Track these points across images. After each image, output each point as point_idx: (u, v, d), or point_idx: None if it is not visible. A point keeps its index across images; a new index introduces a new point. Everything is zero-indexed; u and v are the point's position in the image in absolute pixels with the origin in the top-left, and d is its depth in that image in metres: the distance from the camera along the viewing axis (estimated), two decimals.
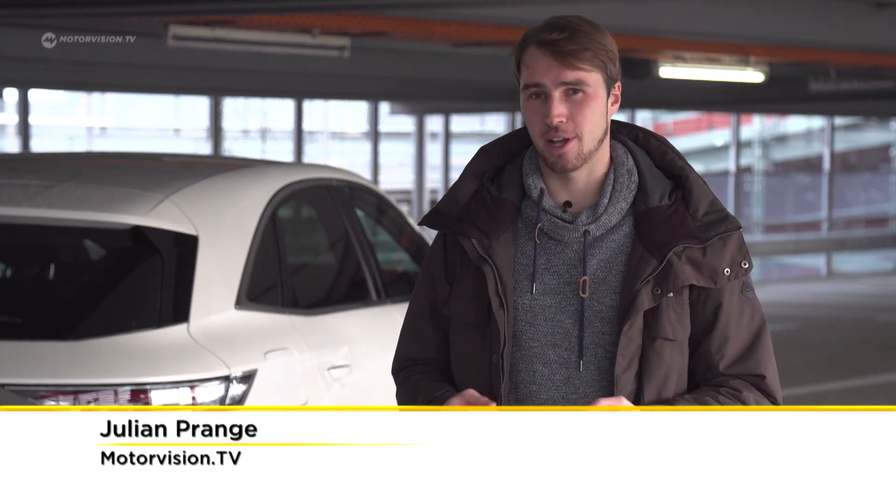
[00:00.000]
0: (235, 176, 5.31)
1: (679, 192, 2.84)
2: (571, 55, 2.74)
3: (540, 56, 2.76)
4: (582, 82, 2.75)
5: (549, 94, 2.75)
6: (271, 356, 4.78)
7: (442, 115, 23.62)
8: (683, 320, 2.79)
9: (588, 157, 2.79)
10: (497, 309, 2.78)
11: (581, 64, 2.75)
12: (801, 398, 10.80)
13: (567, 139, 2.75)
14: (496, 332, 2.79)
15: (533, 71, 2.77)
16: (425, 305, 2.92)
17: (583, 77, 2.75)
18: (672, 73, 14.74)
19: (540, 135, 2.77)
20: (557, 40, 2.75)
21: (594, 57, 2.76)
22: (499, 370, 2.79)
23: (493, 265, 2.80)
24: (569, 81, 2.75)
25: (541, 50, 2.76)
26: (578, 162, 2.78)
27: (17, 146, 18.64)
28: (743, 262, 2.81)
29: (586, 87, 2.76)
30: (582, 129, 2.76)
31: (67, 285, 5.08)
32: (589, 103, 2.76)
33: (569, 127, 2.75)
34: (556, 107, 2.75)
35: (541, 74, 2.75)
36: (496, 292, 2.79)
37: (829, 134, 27.71)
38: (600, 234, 2.81)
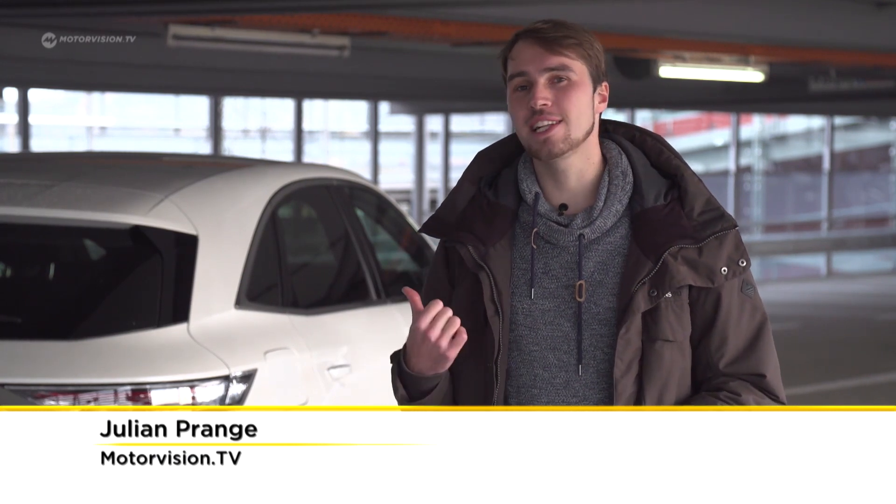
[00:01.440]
0: (235, 176, 5.31)
1: (675, 192, 2.83)
2: (555, 41, 2.76)
3: (525, 46, 2.78)
4: (566, 67, 2.76)
5: (534, 80, 2.76)
6: (271, 356, 4.78)
7: (442, 114, 23.62)
8: (683, 321, 2.78)
9: (575, 145, 2.77)
10: (492, 316, 2.78)
11: (565, 50, 2.76)
12: (802, 398, 10.79)
13: (552, 124, 2.75)
14: (491, 339, 2.79)
15: (518, 61, 2.78)
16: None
17: (567, 63, 2.76)
18: (672, 73, 14.74)
19: (524, 122, 2.77)
20: (542, 28, 2.78)
21: (578, 46, 2.77)
22: (493, 377, 2.79)
23: (489, 272, 2.80)
24: (553, 66, 2.75)
25: (525, 41, 2.79)
26: (565, 147, 2.76)
27: (17, 146, 18.64)
28: (740, 261, 2.80)
29: (570, 72, 2.76)
30: (567, 113, 2.75)
31: (67, 285, 5.08)
32: (574, 90, 2.76)
33: (553, 110, 2.75)
34: (540, 91, 2.75)
35: (526, 63, 2.77)
36: (491, 299, 2.79)
37: (828, 134, 27.71)
38: (596, 236, 2.80)
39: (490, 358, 2.78)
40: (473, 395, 2.80)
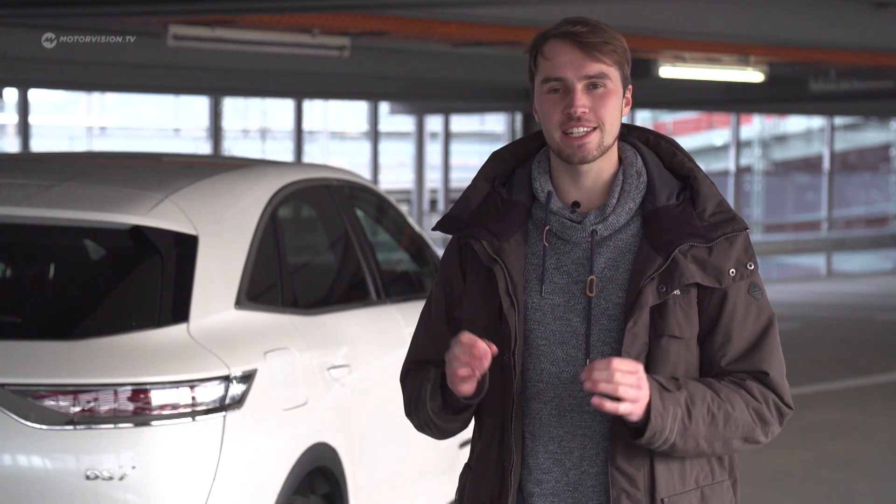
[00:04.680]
0: (235, 176, 5.31)
1: (687, 193, 2.85)
2: (595, 47, 2.76)
3: (562, 47, 2.77)
4: (604, 76, 2.76)
5: (572, 86, 2.76)
6: (271, 356, 4.77)
7: (442, 114, 23.62)
8: (690, 318, 2.80)
9: (606, 150, 2.80)
10: (508, 308, 2.80)
11: (604, 57, 2.76)
12: (802, 398, 10.80)
13: (588, 130, 2.76)
14: (507, 332, 2.80)
15: (554, 64, 2.77)
16: (442, 307, 2.94)
17: (605, 70, 2.77)
18: (672, 73, 14.74)
19: (558, 125, 2.77)
20: (582, 32, 2.76)
21: (614, 52, 2.78)
22: (510, 369, 2.80)
23: (503, 265, 2.82)
24: (592, 74, 2.76)
25: (564, 41, 2.77)
26: (598, 153, 2.78)
27: (17, 146, 18.65)
28: (748, 264, 2.81)
29: (608, 80, 2.77)
30: (604, 121, 2.77)
31: (67, 285, 5.07)
32: (610, 97, 2.78)
33: (591, 117, 2.76)
34: (580, 98, 2.76)
35: (564, 68, 2.76)
36: (507, 292, 2.81)
37: (828, 134, 27.72)
38: (608, 233, 2.82)
39: (506, 350, 2.79)
40: (490, 388, 2.80)
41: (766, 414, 2.79)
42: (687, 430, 2.71)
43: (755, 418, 2.78)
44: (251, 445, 4.63)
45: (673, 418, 2.68)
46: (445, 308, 2.93)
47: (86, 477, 4.32)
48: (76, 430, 4.31)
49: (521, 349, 2.80)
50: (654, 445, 2.71)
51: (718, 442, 2.76)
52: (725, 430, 2.75)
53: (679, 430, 2.70)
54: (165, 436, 4.38)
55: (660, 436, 2.69)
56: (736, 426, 2.76)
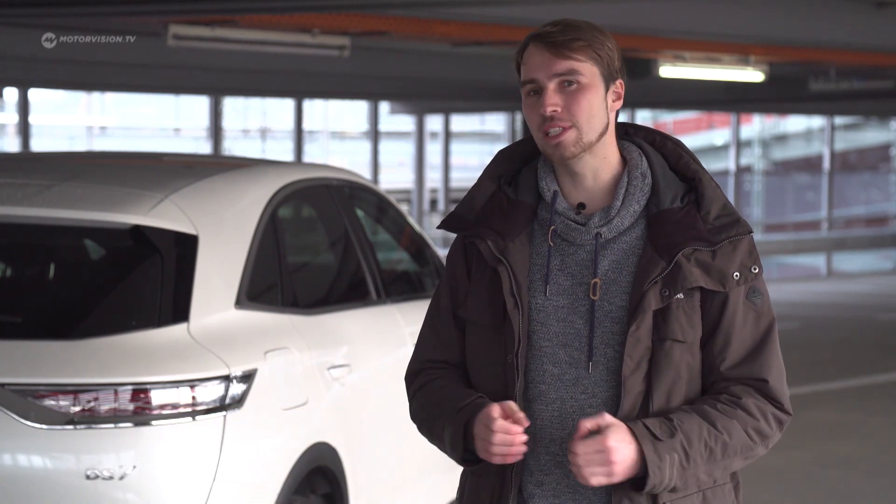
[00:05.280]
0: (235, 176, 5.31)
1: (692, 195, 2.84)
2: (563, 45, 2.76)
3: (534, 50, 2.78)
4: (575, 72, 2.76)
5: (544, 87, 2.77)
6: (271, 356, 4.77)
7: (442, 114, 23.64)
8: (694, 322, 2.79)
9: (587, 147, 2.78)
10: (512, 309, 2.80)
11: (573, 54, 2.76)
12: (801, 398, 10.80)
13: (563, 128, 2.76)
14: (511, 332, 2.80)
15: (528, 67, 2.79)
16: (448, 306, 2.93)
17: (575, 66, 2.76)
18: (672, 73, 14.75)
19: (537, 128, 2.78)
20: (550, 32, 2.77)
21: (587, 47, 2.77)
22: (514, 370, 2.80)
23: (507, 266, 2.81)
24: (561, 72, 2.76)
25: (536, 44, 2.79)
26: (577, 150, 2.77)
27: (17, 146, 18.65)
28: (752, 267, 2.80)
29: (580, 76, 2.76)
30: (578, 118, 2.76)
31: (67, 285, 5.07)
32: (584, 93, 2.76)
33: (564, 115, 2.76)
34: (550, 97, 2.75)
35: (536, 69, 2.77)
36: (511, 292, 2.80)
37: (828, 133, 27.72)
38: (612, 236, 2.82)
39: (510, 351, 2.79)
40: (492, 389, 2.80)
41: (764, 429, 2.78)
42: (686, 471, 2.71)
43: (754, 438, 2.77)
44: (251, 445, 4.63)
45: (670, 466, 2.69)
46: (452, 309, 2.92)
47: (86, 477, 4.32)
48: (76, 430, 4.31)
49: (524, 350, 2.80)
50: (657, 492, 2.72)
51: (718, 470, 2.77)
52: (724, 459, 2.75)
53: (678, 474, 2.71)
54: (165, 435, 4.38)
55: (659, 486, 2.70)
56: (734, 452, 2.76)
